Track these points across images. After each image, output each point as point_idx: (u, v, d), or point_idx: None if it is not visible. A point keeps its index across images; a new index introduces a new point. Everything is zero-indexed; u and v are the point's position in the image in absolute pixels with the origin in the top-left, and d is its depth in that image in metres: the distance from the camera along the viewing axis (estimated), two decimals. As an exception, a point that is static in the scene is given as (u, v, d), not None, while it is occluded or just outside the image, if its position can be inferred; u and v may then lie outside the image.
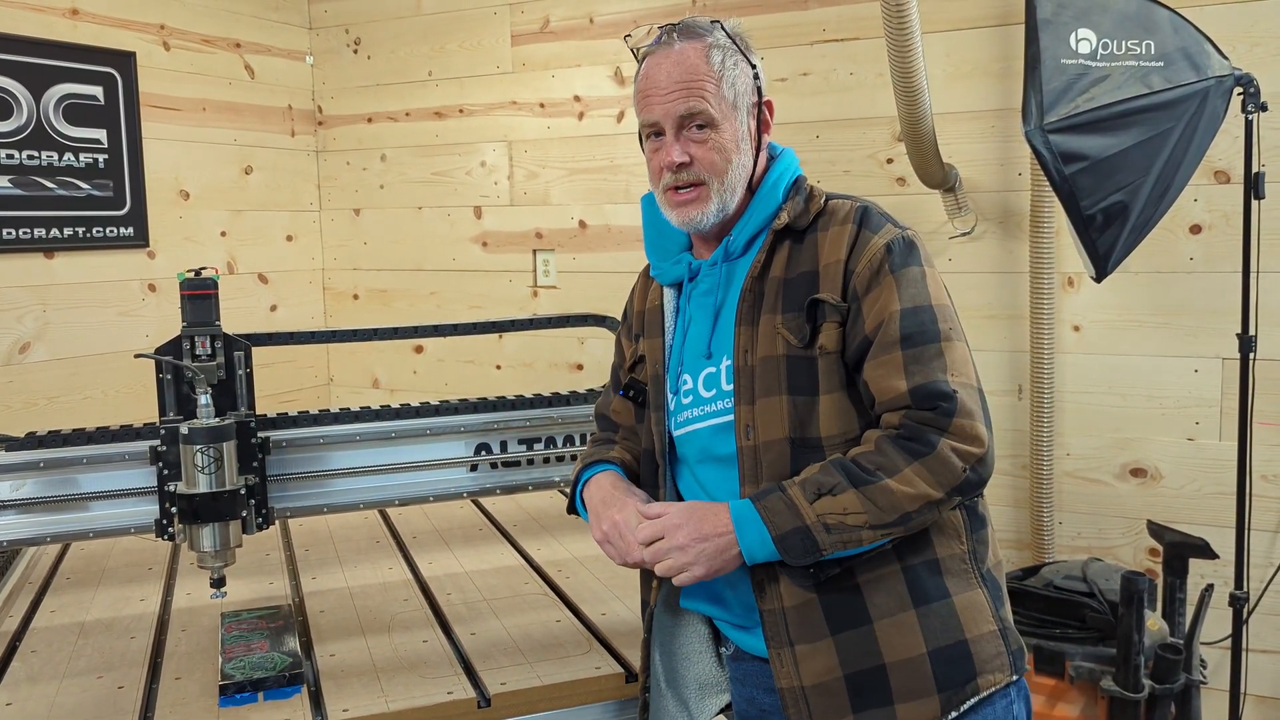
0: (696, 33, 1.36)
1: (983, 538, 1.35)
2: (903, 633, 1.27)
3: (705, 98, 1.34)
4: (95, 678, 1.49)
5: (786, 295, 1.33)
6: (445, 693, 1.40)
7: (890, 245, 1.31)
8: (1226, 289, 2.62)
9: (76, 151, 3.17)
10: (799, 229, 1.36)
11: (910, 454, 1.24)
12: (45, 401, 3.12)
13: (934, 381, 1.25)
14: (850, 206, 1.36)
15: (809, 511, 1.24)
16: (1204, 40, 2.18)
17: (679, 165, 1.36)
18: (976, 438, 1.24)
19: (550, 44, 3.54)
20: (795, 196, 1.39)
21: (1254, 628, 2.56)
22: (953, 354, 1.28)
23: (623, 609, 1.68)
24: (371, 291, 3.98)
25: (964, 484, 1.24)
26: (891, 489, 1.23)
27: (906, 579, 1.29)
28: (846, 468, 1.26)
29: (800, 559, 1.24)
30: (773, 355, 1.32)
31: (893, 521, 1.24)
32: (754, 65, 1.38)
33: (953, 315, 1.32)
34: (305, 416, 1.85)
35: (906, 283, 1.30)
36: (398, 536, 2.13)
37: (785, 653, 1.29)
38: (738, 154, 1.36)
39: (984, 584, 1.32)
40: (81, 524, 1.73)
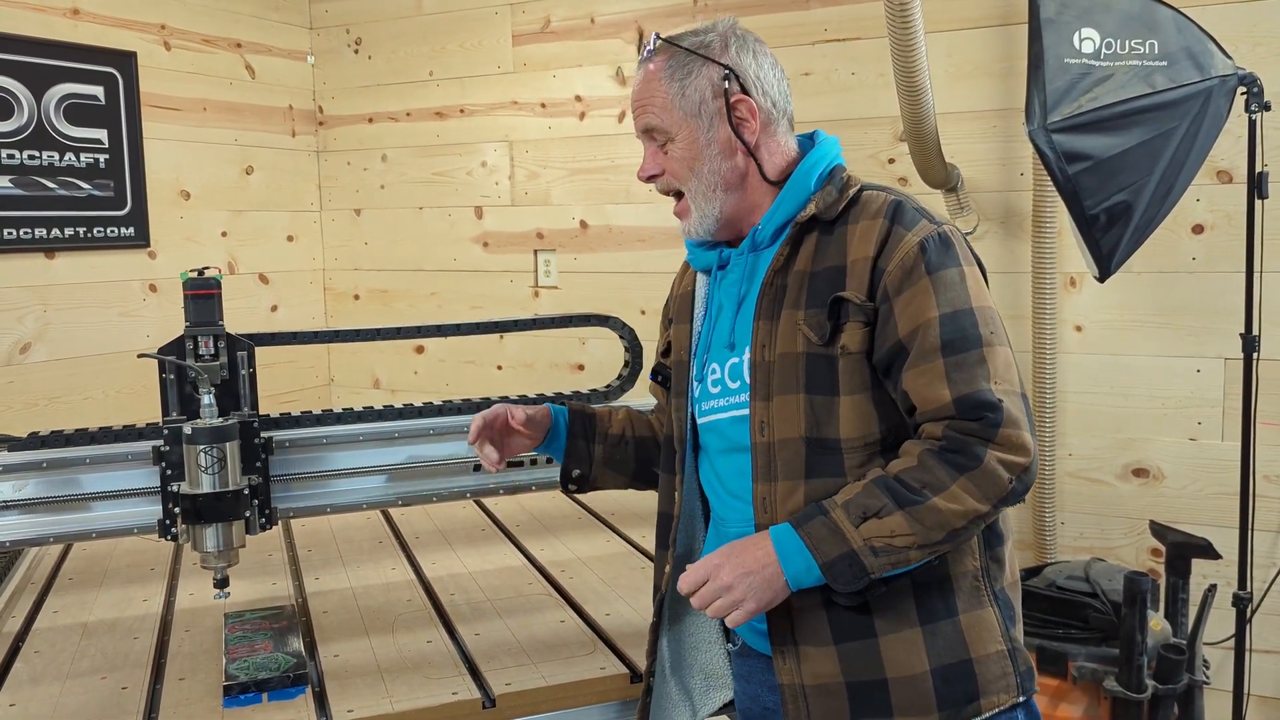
0: (663, 48, 1.38)
1: (998, 555, 1.31)
2: (907, 649, 1.25)
3: (655, 112, 1.36)
4: (99, 678, 1.49)
5: (811, 290, 1.30)
6: (450, 693, 1.40)
7: (924, 243, 1.26)
8: (1229, 289, 2.62)
9: (77, 151, 3.17)
10: (827, 220, 1.33)
11: (956, 468, 1.20)
12: (46, 402, 3.12)
13: (978, 390, 1.21)
14: (884, 199, 1.31)
15: (855, 536, 1.20)
16: (1207, 40, 2.18)
17: (648, 178, 1.41)
18: (1022, 446, 1.21)
19: (551, 44, 3.54)
20: (828, 186, 1.35)
21: (1257, 628, 2.56)
22: (996, 360, 1.24)
23: (627, 609, 1.68)
24: (372, 292, 3.98)
25: (1009, 494, 1.21)
26: (939, 508, 1.19)
27: (916, 596, 1.26)
28: (891, 488, 1.21)
29: (848, 585, 1.21)
30: (792, 352, 1.29)
31: (941, 540, 1.21)
32: (726, 66, 1.35)
33: (994, 318, 1.28)
34: (309, 416, 1.84)
35: (944, 285, 1.25)
36: (400, 537, 2.13)
37: (789, 650, 1.28)
38: (702, 160, 1.35)
39: (995, 603, 1.29)
40: (84, 524, 1.72)
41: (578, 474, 1.55)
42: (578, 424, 1.55)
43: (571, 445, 1.54)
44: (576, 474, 1.55)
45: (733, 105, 1.35)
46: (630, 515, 2.23)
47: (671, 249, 3.42)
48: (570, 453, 1.53)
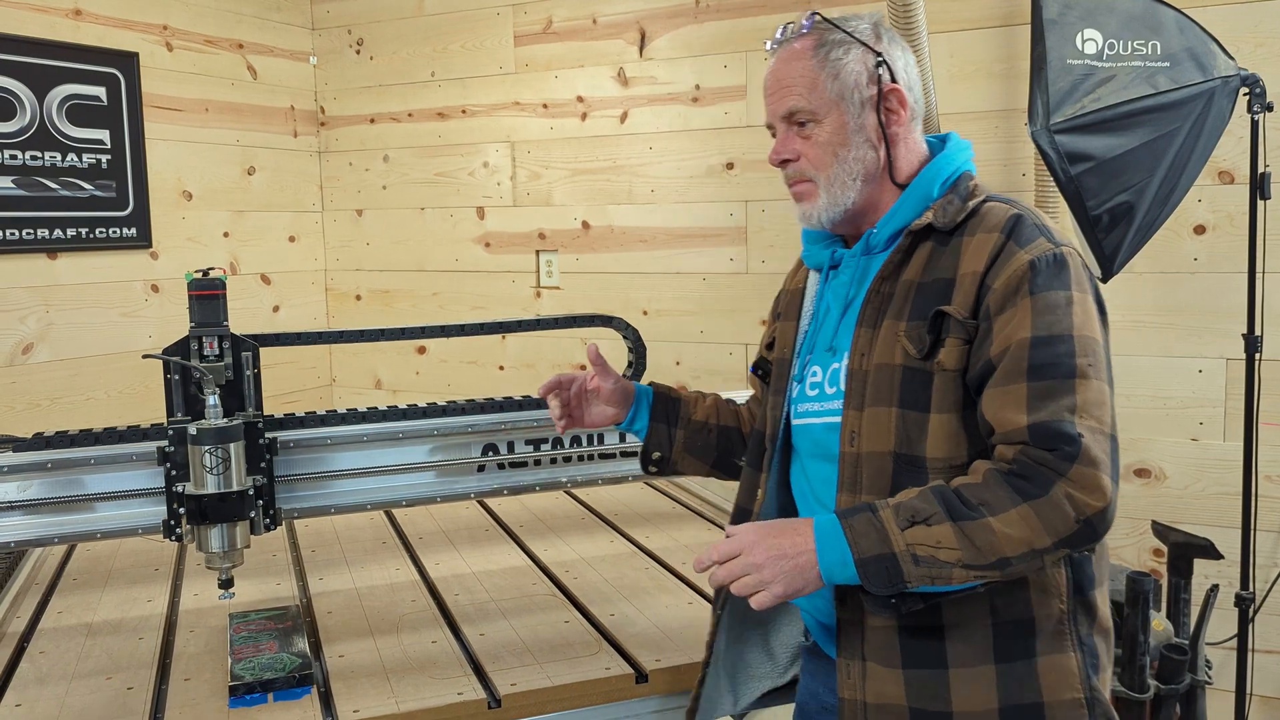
0: (811, 29, 1.33)
1: (1089, 601, 1.25)
2: (977, 685, 1.21)
3: (801, 93, 1.31)
4: (104, 679, 1.49)
5: (916, 301, 1.26)
6: (455, 693, 1.40)
7: (1035, 263, 1.20)
8: (1230, 289, 2.62)
9: (79, 152, 3.17)
10: (944, 230, 1.27)
11: (1020, 493, 1.14)
12: (48, 402, 3.12)
13: (1058, 421, 1.14)
14: (1005, 213, 1.25)
15: (899, 539, 1.15)
16: (1210, 40, 2.19)
17: (781, 161, 1.35)
18: (1097, 489, 1.12)
19: (553, 44, 3.54)
20: (951, 194, 1.30)
21: (1259, 628, 2.56)
22: (1086, 393, 1.16)
23: (631, 610, 1.68)
24: (374, 292, 3.98)
25: (1074, 536, 1.13)
26: (993, 529, 1.13)
27: (995, 633, 1.22)
28: (946, 498, 1.16)
29: (881, 588, 1.16)
30: (889, 363, 1.25)
31: (989, 564, 1.14)
32: (879, 54, 1.30)
33: (1097, 349, 1.19)
34: (313, 417, 1.85)
35: (1045, 307, 1.18)
36: (404, 537, 2.13)
37: (855, 665, 1.26)
38: (845, 147, 1.30)
39: (1079, 649, 1.23)
40: (89, 525, 1.72)
41: (657, 456, 1.55)
42: (660, 407, 1.55)
43: (653, 428, 1.54)
44: (656, 456, 1.55)
45: (885, 94, 1.30)
46: (634, 516, 2.23)
47: (673, 249, 3.42)
48: (651, 435, 1.54)
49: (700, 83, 3.32)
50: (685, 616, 1.65)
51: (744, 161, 3.28)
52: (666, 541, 2.04)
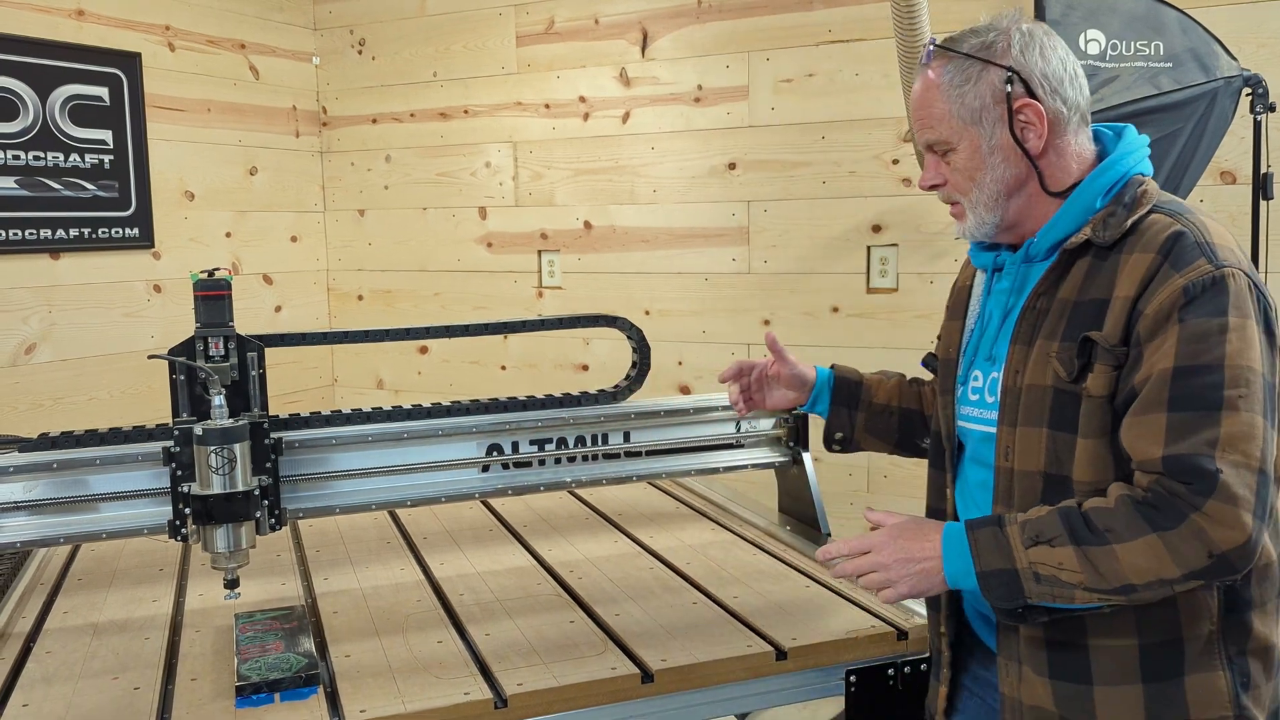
0: (941, 53, 1.34)
1: (1242, 621, 1.22)
2: (1123, 703, 1.22)
3: (935, 126, 1.33)
4: (111, 679, 1.49)
5: (1071, 321, 1.24)
6: (462, 693, 1.40)
7: (1188, 288, 1.15)
8: (1233, 289, 2.62)
9: (82, 152, 3.18)
10: (1104, 245, 1.24)
11: (1150, 523, 1.13)
12: (51, 402, 3.12)
13: (1194, 455, 1.12)
14: (1166, 228, 1.20)
15: (1021, 556, 1.18)
16: (1212, 41, 2.19)
17: (930, 187, 1.38)
18: (1236, 525, 1.10)
19: (555, 45, 3.55)
20: (1114, 205, 1.26)
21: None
22: (1232, 426, 1.12)
23: (636, 610, 1.69)
24: (376, 292, 3.98)
25: (1208, 570, 1.12)
26: (1117, 556, 1.13)
27: (1141, 654, 1.22)
28: (1072, 520, 1.17)
29: (1002, 601, 1.20)
30: (1040, 384, 1.25)
31: (1112, 589, 1.15)
32: (1009, 69, 1.28)
33: (1253, 380, 1.14)
34: (318, 417, 1.85)
35: (1194, 336, 1.14)
36: (408, 537, 2.13)
37: (1013, 666, 1.30)
38: (983, 169, 1.30)
39: (1228, 668, 1.22)
40: (94, 525, 1.72)
41: (840, 436, 1.66)
42: (842, 391, 1.64)
43: (834, 410, 1.65)
44: (839, 436, 1.66)
45: (1016, 110, 1.28)
46: (638, 516, 2.24)
47: (675, 249, 3.43)
48: (832, 417, 1.65)
49: (702, 83, 3.33)
50: (691, 617, 1.65)
51: (746, 162, 3.28)
52: (671, 542, 2.05)
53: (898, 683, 1.58)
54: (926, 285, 3.03)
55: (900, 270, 3.08)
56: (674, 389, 3.43)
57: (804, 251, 3.21)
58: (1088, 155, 1.32)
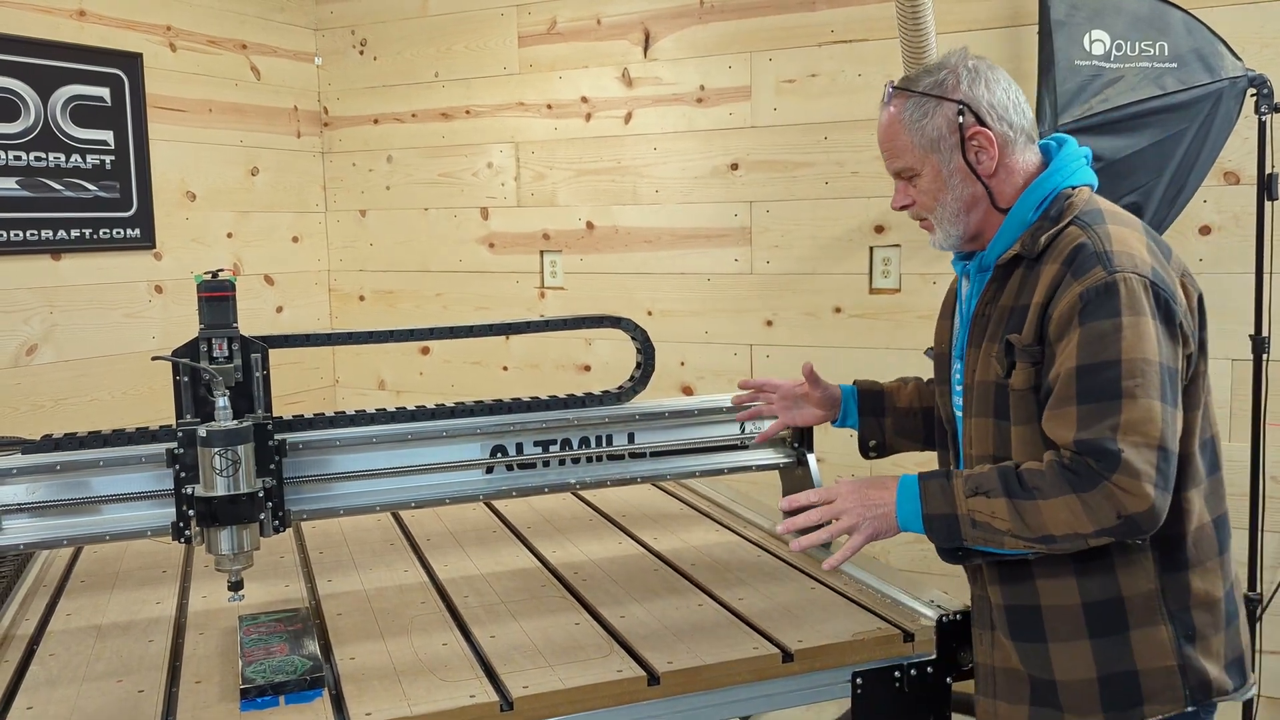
0: (901, 92, 1.50)
1: (1178, 580, 1.39)
2: (1076, 657, 1.39)
3: (901, 156, 1.50)
4: (115, 681, 1.48)
5: (1006, 325, 1.44)
6: (467, 696, 1.39)
7: (1084, 294, 1.33)
8: (1235, 290, 2.62)
9: (83, 153, 3.17)
10: (1031, 257, 1.43)
11: (1071, 486, 1.30)
12: (52, 404, 3.12)
13: (1100, 439, 1.29)
14: (1074, 240, 1.38)
15: (962, 504, 1.37)
16: (1217, 41, 2.19)
17: (901, 208, 1.55)
18: (1139, 495, 1.28)
19: (557, 45, 3.54)
20: (1043, 219, 1.43)
21: (1267, 629, 2.56)
22: (1132, 411, 1.29)
23: (641, 611, 1.68)
24: (377, 293, 3.98)
25: (1116, 529, 1.30)
26: (1040, 510, 1.32)
27: (1086, 613, 1.39)
28: (1008, 478, 1.35)
29: (942, 541, 1.39)
30: (986, 380, 1.46)
31: (1035, 538, 1.33)
32: (959, 102, 1.45)
33: (1145, 369, 1.30)
34: (321, 419, 1.84)
35: (1093, 337, 1.31)
36: (411, 539, 2.12)
37: (986, 634, 1.48)
38: (945, 190, 1.48)
39: (1171, 622, 1.38)
40: (98, 527, 1.72)
41: (874, 443, 1.80)
42: (867, 403, 1.78)
43: (863, 421, 1.78)
44: (873, 444, 1.80)
45: (968, 138, 1.45)
46: (642, 517, 2.23)
47: (678, 250, 3.42)
48: (863, 427, 1.78)
49: (705, 83, 3.32)
50: (696, 619, 1.65)
51: (748, 162, 3.28)
52: (675, 543, 2.04)
53: (904, 685, 1.57)
54: (929, 286, 3.03)
55: (903, 271, 3.07)
56: (676, 390, 3.42)
57: (806, 252, 3.21)
58: (1034, 170, 1.48)
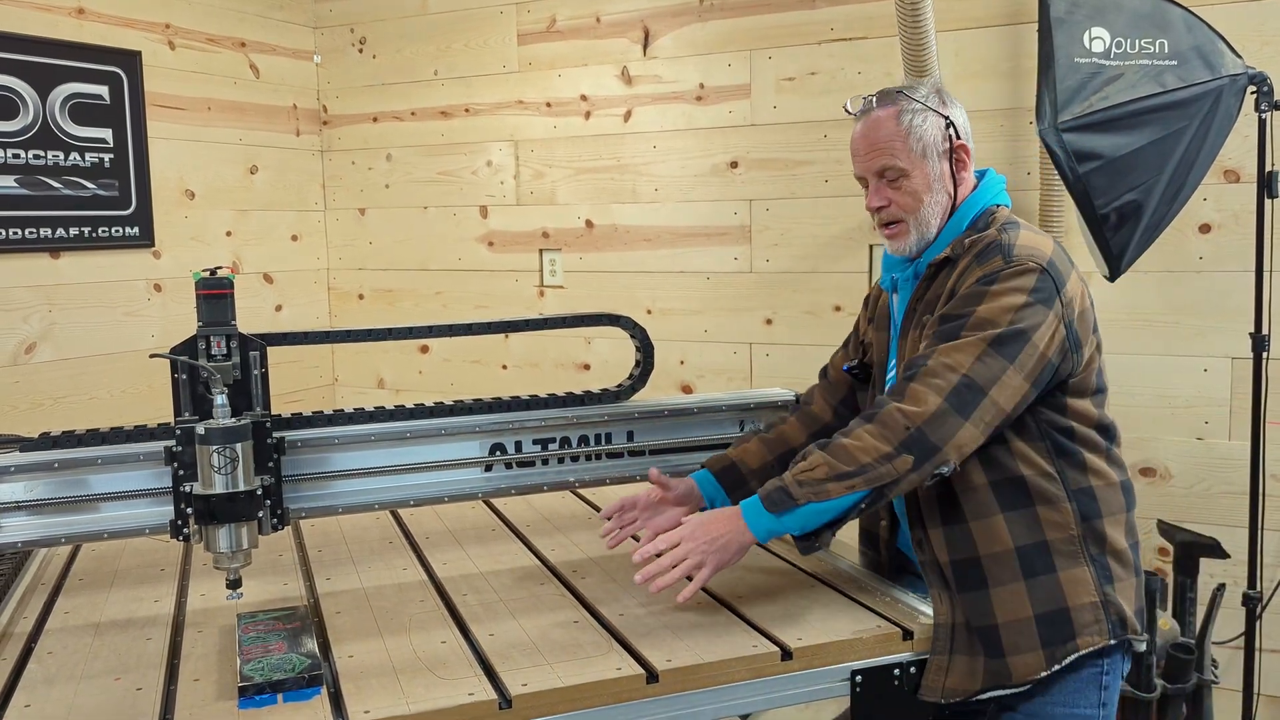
0: (891, 100, 1.64)
1: (1094, 528, 1.57)
2: (1014, 599, 1.54)
3: (895, 154, 1.62)
4: (113, 679, 1.48)
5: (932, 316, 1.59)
6: (466, 694, 1.39)
7: (982, 276, 1.54)
8: (1235, 288, 2.62)
9: (82, 151, 3.17)
10: (955, 259, 1.60)
11: (865, 419, 1.51)
12: (51, 402, 3.11)
13: (918, 357, 1.52)
14: (984, 241, 1.58)
15: (789, 476, 1.52)
16: (1217, 39, 2.18)
17: (878, 209, 1.66)
18: (921, 401, 1.47)
19: (556, 43, 3.54)
20: (971, 229, 1.62)
21: (1266, 627, 2.56)
22: (959, 352, 1.49)
23: (640, 610, 1.68)
24: (377, 291, 3.97)
25: (909, 441, 1.46)
26: (845, 445, 1.49)
27: (1019, 557, 1.55)
28: (820, 442, 1.53)
29: (777, 508, 1.51)
30: None
31: (850, 473, 1.47)
32: (947, 117, 1.63)
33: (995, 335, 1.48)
34: (320, 417, 1.84)
35: (971, 297, 1.52)
36: (410, 537, 2.12)
37: (944, 595, 1.58)
38: (930, 194, 1.63)
39: (1091, 564, 1.57)
40: (96, 525, 1.72)
41: None
42: (727, 479, 1.83)
43: (732, 498, 1.80)
44: None
45: (955, 149, 1.63)
46: (640, 515, 2.23)
47: (677, 248, 3.42)
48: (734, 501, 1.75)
49: (704, 81, 3.32)
50: (695, 617, 1.65)
51: (748, 160, 3.28)
52: (674, 541, 2.04)
53: (903, 683, 1.57)
54: (929, 284, 3.02)
55: (903, 269, 3.07)
56: (676, 388, 3.42)
57: (806, 250, 3.20)
58: (973, 188, 1.67)
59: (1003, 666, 1.54)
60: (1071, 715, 1.57)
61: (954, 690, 1.55)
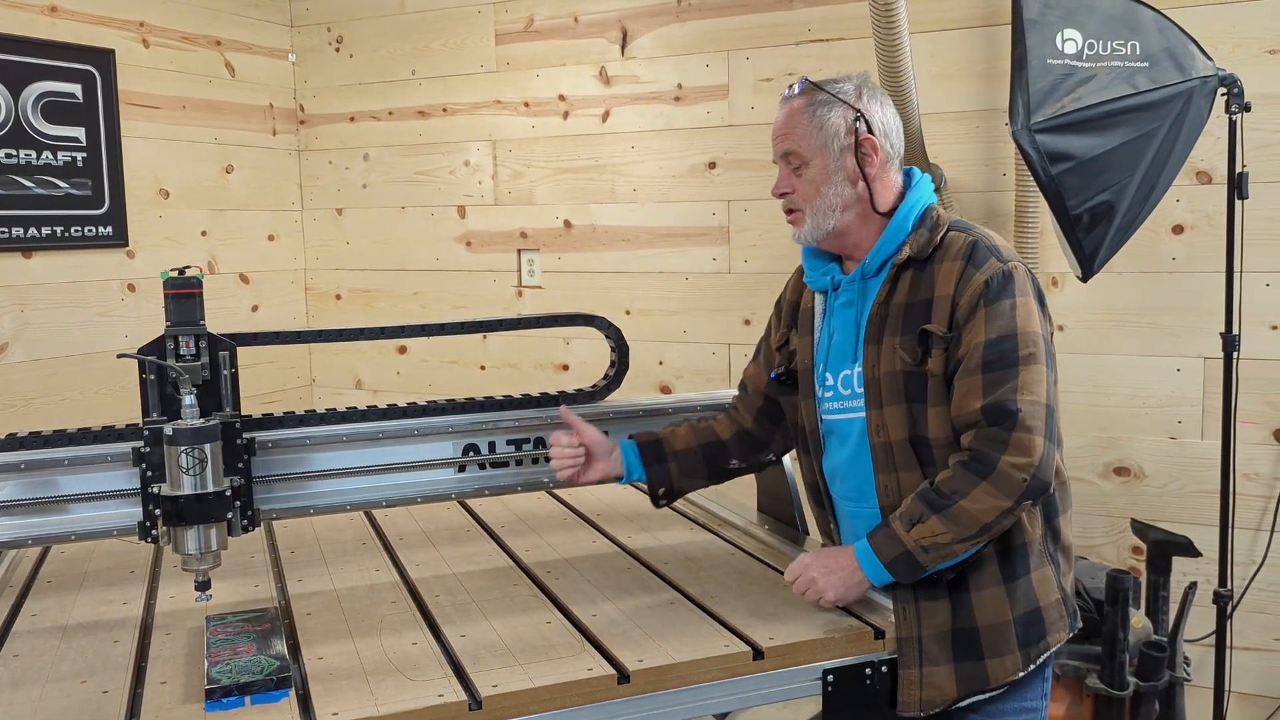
0: (811, 88, 1.66)
1: (1055, 525, 1.63)
2: (995, 603, 1.57)
3: (797, 141, 1.64)
4: (79, 682, 1.47)
5: (906, 319, 1.60)
6: (436, 695, 1.38)
7: (989, 280, 1.55)
8: (1207, 289, 2.64)
9: (55, 150, 3.14)
10: (920, 259, 1.62)
11: (978, 475, 1.50)
12: (23, 403, 3.08)
13: (1003, 400, 1.50)
14: (963, 241, 1.60)
15: (907, 539, 1.53)
16: (1188, 41, 2.20)
17: (779, 194, 1.69)
18: (1028, 448, 1.48)
19: (534, 43, 3.53)
20: (921, 228, 1.63)
21: (1237, 625, 2.58)
22: (1028, 375, 1.51)
23: (614, 610, 1.67)
24: (354, 292, 3.96)
25: (1027, 491, 1.49)
26: (966, 509, 1.49)
27: (999, 559, 1.58)
28: (928, 497, 1.53)
29: (908, 577, 1.55)
30: (893, 370, 1.61)
31: (975, 534, 1.51)
32: (859, 111, 1.63)
33: (1037, 340, 1.53)
34: (291, 417, 1.83)
35: (996, 315, 1.53)
36: (384, 538, 2.11)
37: (909, 608, 1.57)
38: (828, 185, 1.63)
39: (1052, 560, 1.63)
40: (63, 526, 1.70)
41: (663, 490, 1.86)
42: (649, 452, 1.84)
43: (650, 470, 1.84)
44: (662, 490, 1.86)
45: (860, 143, 1.63)
46: (616, 515, 2.22)
47: (656, 249, 3.42)
48: (651, 476, 1.84)
49: (682, 82, 3.32)
50: (668, 616, 1.64)
51: (726, 161, 3.28)
52: (649, 541, 2.04)
53: (875, 682, 1.57)
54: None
55: (880, 269, 3.08)
56: (655, 389, 3.42)
57: (784, 251, 3.21)
58: (899, 189, 1.68)
59: (979, 670, 1.56)
60: (1023, 709, 1.62)
61: (932, 701, 1.56)
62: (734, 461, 1.88)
